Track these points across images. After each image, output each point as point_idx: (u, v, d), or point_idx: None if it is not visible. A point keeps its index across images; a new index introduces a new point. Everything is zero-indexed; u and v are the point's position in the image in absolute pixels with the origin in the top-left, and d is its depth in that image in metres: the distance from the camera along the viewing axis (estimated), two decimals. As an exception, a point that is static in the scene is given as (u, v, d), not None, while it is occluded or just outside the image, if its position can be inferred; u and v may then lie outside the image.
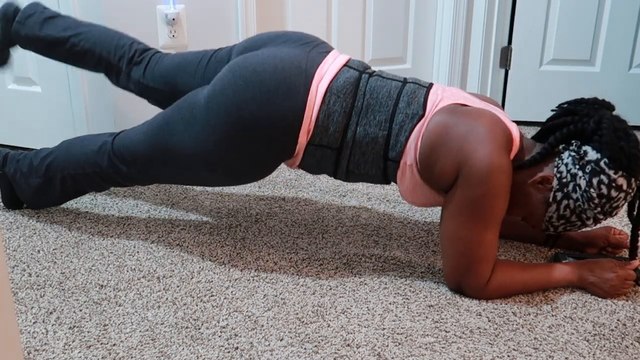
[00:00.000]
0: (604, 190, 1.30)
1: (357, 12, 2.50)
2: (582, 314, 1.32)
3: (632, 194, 1.33)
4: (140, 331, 1.24)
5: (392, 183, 1.93)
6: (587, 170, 1.31)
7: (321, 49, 1.46)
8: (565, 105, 1.41)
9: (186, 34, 2.12)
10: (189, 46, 2.14)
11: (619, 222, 1.78)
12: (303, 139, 1.39)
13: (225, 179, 1.49)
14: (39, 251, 1.55)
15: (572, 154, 1.34)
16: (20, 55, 2.13)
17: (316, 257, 1.55)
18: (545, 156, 1.36)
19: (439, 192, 1.39)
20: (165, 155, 1.47)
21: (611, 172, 1.29)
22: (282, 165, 2.22)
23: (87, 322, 1.27)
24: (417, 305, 1.34)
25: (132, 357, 1.16)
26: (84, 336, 1.22)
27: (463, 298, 1.37)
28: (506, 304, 1.35)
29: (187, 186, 1.99)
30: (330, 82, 1.39)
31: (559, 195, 1.34)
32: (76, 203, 1.84)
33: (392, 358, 1.17)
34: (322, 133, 1.39)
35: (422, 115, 1.36)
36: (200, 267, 1.49)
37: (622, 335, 1.25)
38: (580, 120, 1.35)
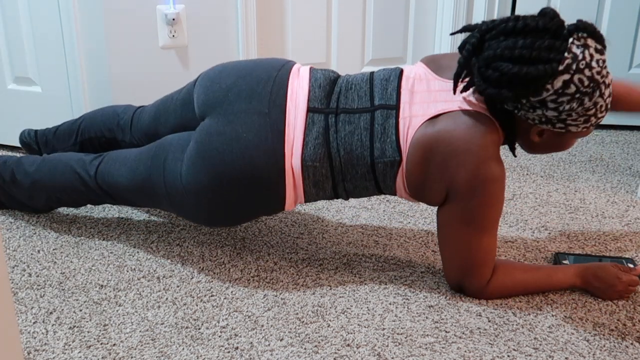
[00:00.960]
0: (563, 97, 1.21)
1: (357, 12, 2.50)
2: (582, 314, 1.32)
3: (593, 43, 1.22)
4: (140, 331, 1.24)
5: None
6: (538, 107, 1.23)
7: (277, 92, 1.38)
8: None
9: (186, 34, 2.12)
10: (189, 46, 2.14)
11: (619, 224, 1.78)
12: (291, 206, 1.41)
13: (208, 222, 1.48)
14: (39, 251, 1.55)
15: (515, 106, 1.26)
16: (20, 55, 2.13)
17: (316, 257, 1.55)
18: (508, 124, 1.30)
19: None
20: (147, 193, 1.48)
21: (546, 93, 1.21)
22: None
23: (87, 322, 1.27)
24: (417, 305, 1.34)
25: (132, 357, 1.16)
26: (84, 336, 1.22)
27: (463, 298, 1.37)
28: (506, 304, 1.35)
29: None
30: (302, 153, 1.34)
31: (559, 124, 1.27)
32: (76, 203, 1.84)
33: (392, 358, 1.17)
34: (316, 195, 1.41)
35: (400, 161, 1.32)
36: (200, 267, 1.49)
37: (622, 335, 1.25)
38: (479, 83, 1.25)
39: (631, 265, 1.47)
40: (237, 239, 1.64)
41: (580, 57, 1.20)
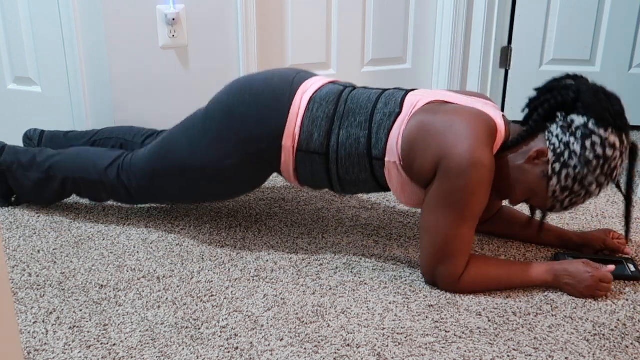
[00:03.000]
0: (599, 150, 1.31)
1: (357, 12, 2.50)
2: (582, 314, 1.32)
3: (627, 150, 1.35)
4: (140, 331, 1.24)
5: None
6: (578, 136, 1.32)
7: (310, 74, 1.57)
8: (542, 88, 1.41)
9: (186, 34, 2.12)
10: (189, 46, 2.14)
11: (619, 224, 1.78)
12: (288, 142, 1.46)
13: (220, 188, 1.56)
14: (39, 251, 1.55)
15: (560, 124, 1.34)
16: (20, 55, 2.13)
17: (316, 257, 1.55)
18: (532, 133, 1.37)
19: (425, 190, 1.40)
20: (165, 165, 1.56)
21: (601, 131, 1.31)
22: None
23: (87, 322, 1.27)
24: (417, 305, 1.34)
25: (132, 357, 1.16)
26: (84, 336, 1.22)
27: (463, 298, 1.37)
28: (506, 304, 1.35)
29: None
30: (314, 92, 1.48)
31: (557, 166, 1.33)
32: (76, 203, 1.84)
33: (392, 358, 1.17)
34: (308, 139, 1.45)
35: (399, 113, 1.40)
36: (200, 267, 1.49)
37: (622, 335, 1.25)
38: (560, 93, 1.36)
39: (631, 266, 1.47)
40: (237, 239, 1.64)
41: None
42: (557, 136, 1.34)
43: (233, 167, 1.50)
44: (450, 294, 1.38)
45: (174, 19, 2.07)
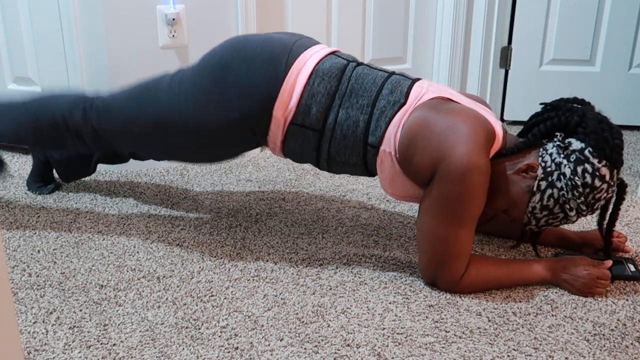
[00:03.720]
0: (588, 179, 1.31)
1: (357, 12, 2.50)
2: (582, 314, 1.32)
3: (614, 187, 1.35)
4: (140, 331, 1.24)
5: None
6: (572, 159, 1.32)
7: (312, 41, 1.50)
8: (548, 105, 1.43)
9: (186, 34, 2.12)
10: (189, 46, 2.14)
11: (619, 224, 1.78)
12: (279, 113, 1.40)
13: (194, 147, 1.48)
14: (39, 251, 1.55)
15: (557, 143, 1.35)
16: (20, 55, 2.13)
17: (316, 257, 1.55)
18: (529, 146, 1.37)
19: (417, 185, 1.39)
20: (144, 112, 1.48)
21: (595, 161, 1.31)
22: (282, 165, 2.22)
23: (87, 322, 1.27)
24: (417, 305, 1.34)
25: (132, 357, 1.16)
26: (84, 336, 1.22)
27: (463, 298, 1.37)
28: (506, 304, 1.35)
29: (187, 187, 1.99)
30: (317, 64, 1.42)
31: (544, 184, 1.34)
32: (76, 203, 1.84)
33: (392, 358, 1.17)
34: (305, 113, 1.40)
35: (404, 104, 1.37)
36: (200, 267, 1.49)
37: (622, 335, 1.25)
38: (564, 114, 1.37)
39: (631, 266, 1.47)
40: (237, 239, 1.64)
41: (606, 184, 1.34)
42: (550, 154, 1.34)
43: (215, 127, 1.43)
44: (451, 294, 1.38)
45: (174, 19, 2.07)
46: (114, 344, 1.20)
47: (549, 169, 1.33)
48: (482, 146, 1.30)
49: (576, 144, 1.33)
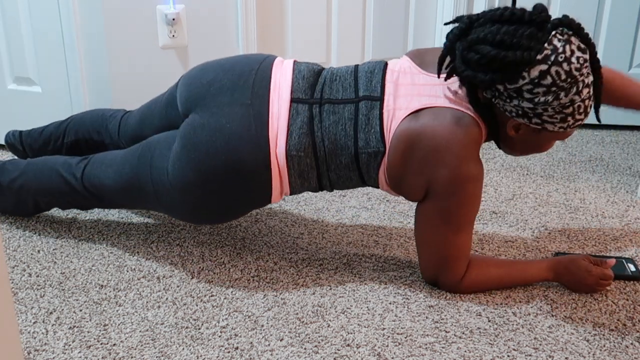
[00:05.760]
0: (539, 88, 1.21)
1: (357, 12, 2.50)
2: (582, 314, 1.32)
3: (573, 38, 1.23)
4: (140, 331, 1.24)
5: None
6: (514, 96, 1.24)
7: (259, 83, 1.38)
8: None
9: (186, 34, 2.12)
10: (189, 46, 2.14)
11: (620, 223, 1.78)
12: (277, 198, 1.41)
13: (200, 212, 1.45)
14: (39, 251, 1.55)
15: (492, 95, 1.27)
16: (20, 55, 2.13)
17: (316, 257, 1.55)
18: (487, 117, 1.31)
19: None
20: (135, 193, 1.46)
21: (522, 80, 1.21)
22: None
23: (87, 322, 1.27)
24: (417, 305, 1.34)
25: (132, 357, 1.16)
26: (84, 336, 1.22)
27: (463, 298, 1.37)
28: (506, 304, 1.35)
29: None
30: (286, 143, 1.34)
31: (536, 120, 1.26)
32: (76, 203, 1.84)
33: (392, 358, 1.17)
34: (301, 187, 1.41)
35: (384, 152, 1.32)
36: (200, 267, 1.49)
37: (622, 335, 1.25)
38: (468, 75, 1.26)
39: (631, 266, 1.47)
40: (237, 239, 1.64)
41: (561, 50, 1.20)
42: (505, 106, 1.27)
43: (219, 218, 1.44)
44: (451, 294, 1.38)
45: (174, 19, 2.07)
46: (114, 344, 1.20)
47: (521, 112, 1.26)
48: (468, 152, 1.27)
49: (510, 85, 1.22)
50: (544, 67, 1.19)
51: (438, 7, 2.64)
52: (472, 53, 1.23)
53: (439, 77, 1.31)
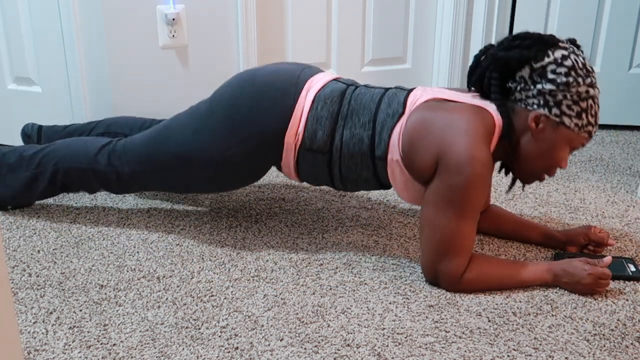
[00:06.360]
0: (561, 68, 1.35)
1: (357, 12, 2.50)
2: (582, 314, 1.32)
3: (579, 50, 1.40)
4: (140, 331, 1.24)
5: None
6: (538, 80, 1.36)
7: (315, 69, 1.57)
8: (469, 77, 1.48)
9: (186, 34, 2.12)
10: (189, 46, 2.14)
11: (619, 223, 1.78)
12: (290, 140, 1.47)
13: (216, 179, 1.56)
14: (39, 251, 1.55)
15: (518, 88, 1.39)
16: (20, 55, 2.13)
17: (316, 257, 1.55)
18: (507, 112, 1.40)
19: (426, 187, 1.41)
20: (163, 151, 1.55)
21: (547, 59, 1.36)
22: (282, 165, 2.22)
23: (87, 322, 1.27)
24: (417, 305, 1.34)
25: (132, 357, 1.16)
26: (84, 336, 1.22)
27: (463, 298, 1.37)
28: (506, 304, 1.35)
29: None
30: (319, 90, 1.49)
31: (555, 110, 1.36)
32: (76, 203, 1.84)
33: (392, 358, 1.17)
34: (312, 137, 1.47)
35: (402, 113, 1.42)
36: (200, 267, 1.49)
37: (622, 335, 1.25)
38: (490, 69, 1.40)
39: (631, 266, 1.47)
40: (237, 239, 1.64)
41: (576, 50, 1.39)
42: (528, 97, 1.38)
43: (232, 160, 1.51)
44: (450, 294, 1.38)
45: (174, 19, 2.07)
46: (114, 344, 1.20)
47: (542, 101, 1.36)
48: (482, 138, 1.33)
49: (525, 71, 1.37)
50: (565, 52, 1.36)
51: (438, 7, 2.64)
52: (505, 42, 1.40)
53: (469, 90, 1.46)
